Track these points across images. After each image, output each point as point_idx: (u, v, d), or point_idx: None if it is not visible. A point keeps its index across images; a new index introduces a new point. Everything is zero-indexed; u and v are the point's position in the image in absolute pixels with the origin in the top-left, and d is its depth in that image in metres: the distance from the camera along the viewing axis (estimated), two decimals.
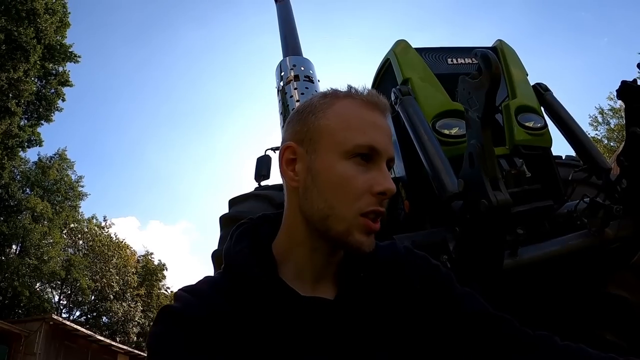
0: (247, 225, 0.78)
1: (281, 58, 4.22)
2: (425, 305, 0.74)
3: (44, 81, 17.66)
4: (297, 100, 3.80)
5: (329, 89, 0.75)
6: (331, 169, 0.68)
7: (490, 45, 2.18)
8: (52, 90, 17.92)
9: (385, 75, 2.21)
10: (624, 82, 1.58)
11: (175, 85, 50.75)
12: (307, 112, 0.72)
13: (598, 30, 39.85)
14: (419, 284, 0.76)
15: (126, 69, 47.53)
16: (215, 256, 2.40)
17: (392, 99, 1.90)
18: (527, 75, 2.08)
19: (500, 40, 2.17)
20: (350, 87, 0.74)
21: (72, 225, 22.85)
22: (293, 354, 0.64)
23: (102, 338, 17.41)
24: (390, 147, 0.71)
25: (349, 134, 0.68)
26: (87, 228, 24.44)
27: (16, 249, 19.08)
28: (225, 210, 2.71)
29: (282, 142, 0.75)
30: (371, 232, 0.68)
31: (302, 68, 3.89)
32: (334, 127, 0.69)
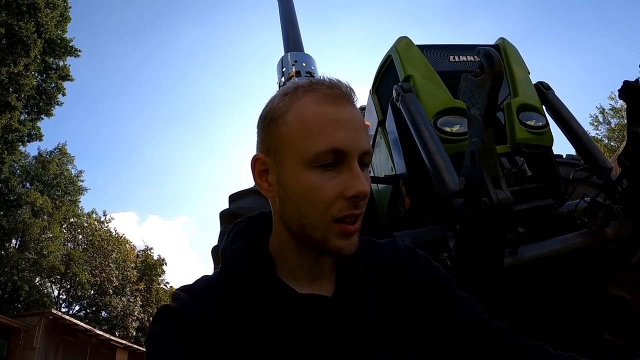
0: (244, 224, 0.78)
1: (282, 53, 4.21)
2: (424, 306, 0.74)
3: (44, 75, 17.63)
4: None
5: (290, 85, 0.71)
6: (297, 180, 0.65)
7: (492, 43, 2.17)
8: (53, 85, 17.89)
9: (387, 72, 2.20)
10: (626, 82, 1.58)
11: (175, 81, 50.79)
12: (268, 119, 0.69)
13: (598, 30, 39.83)
14: (419, 285, 0.76)
15: (127, 65, 47.47)
16: (215, 252, 2.40)
17: (394, 95, 1.90)
18: (529, 73, 2.08)
19: (502, 39, 2.16)
20: (310, 80, 0.70)
21: (71, 219, 22.87)
22: (291, 351, 0.64)
23: (101, 332, 17.45)
24: (360, 140, 0.66)
25: (308, 140, 0.64)
26: (87, 223, 24.47)
27: (16, 244, 19.11)
28: (225, 206, 2.71)
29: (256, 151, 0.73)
30: (350, 235, 0.67)
31: (304, 64, 3.88)
32: (294, 134, 0.65)
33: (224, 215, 2.56)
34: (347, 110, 0.67)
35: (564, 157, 2.44)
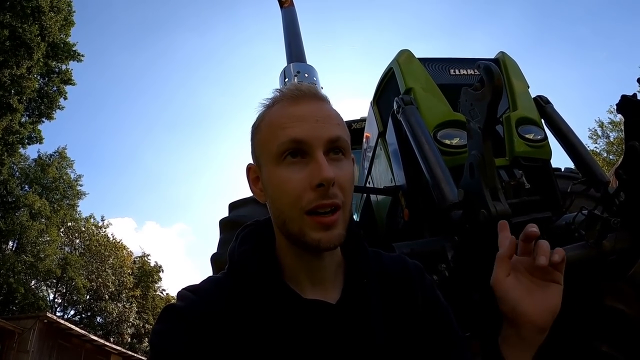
0: (253, 227, 0.80)
1: (284, 63, 4.24)
2: (423, 324, 0.75)
3: (46, 79, 17.68)
4: None
5: (269, 98, 0.76)
6: (271, 179, 0.70)
7: (492, 57, 2.20)
8: (55, 88, 17.93)
9: (388, 84, 2.22)
10: (623, 97, 1.60)
11: (176, 90, 50.99)
12: (253, 130, 0.75)
13: (597, 45, 40.19)
14: (422, 303, 0.77)
15: (128, 71, 47.87)
16: (215, 259, 2.40)
17: (395, 107, 1.92)
18: (529, 87, 2.10)
19: (502, 52, 2.19)
20: (280, 89, 0.74)
21: (69, 223, 22.80)
22: (293, 355, 0.65)
23: (95, 338, 17.29)
24: (323, 130, 0.68)
25: (273, 138, 0.69)
26: (85, 227, 24.38)
27: (13, 246, 19.02)
28: (224, 214, 2.71)
29: None
30: (327, 227, 0.66)
31: (306, 75, 3.91)
32: (266, 138, 0.71)
33: (223, 223, 2.56)
34: (307, 106, 0.70)
35: (562, 170, 2.46)
